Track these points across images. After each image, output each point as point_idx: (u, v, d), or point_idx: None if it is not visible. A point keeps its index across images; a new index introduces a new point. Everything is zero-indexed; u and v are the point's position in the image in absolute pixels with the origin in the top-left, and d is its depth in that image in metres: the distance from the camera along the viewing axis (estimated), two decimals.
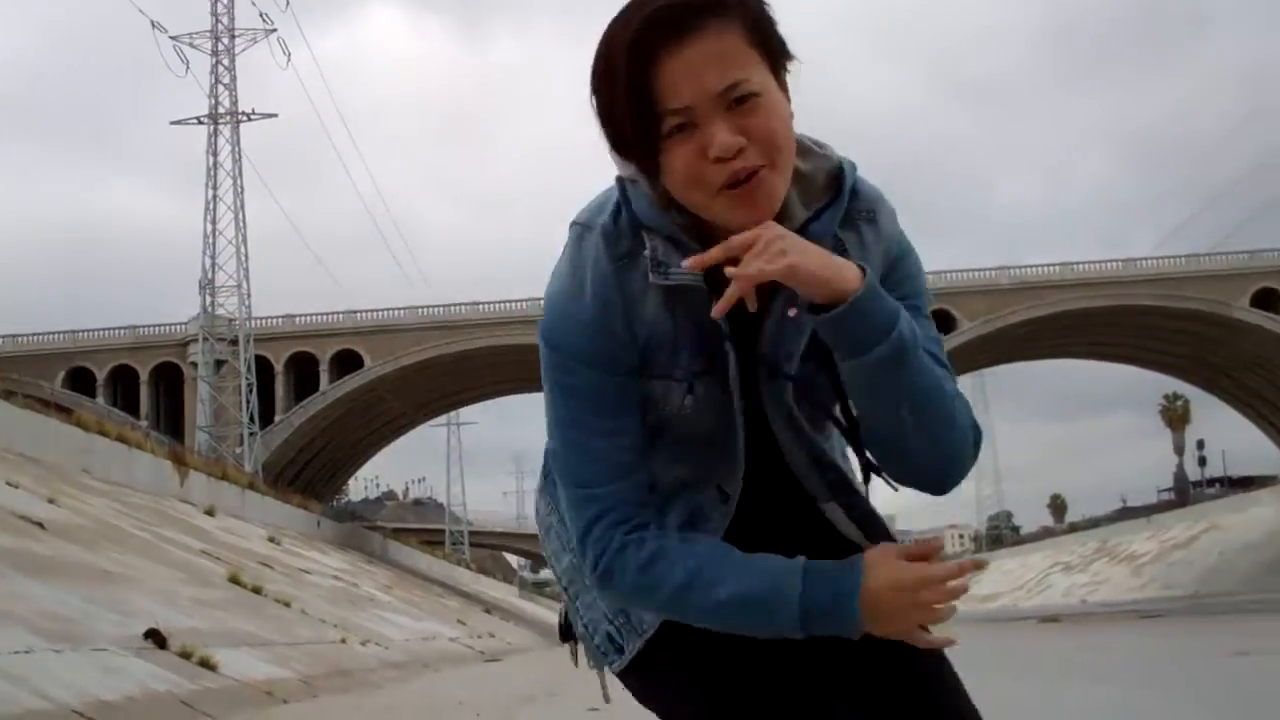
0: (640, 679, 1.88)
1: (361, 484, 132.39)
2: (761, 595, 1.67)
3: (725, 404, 1.74)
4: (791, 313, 1.69)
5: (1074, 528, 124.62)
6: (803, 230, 1.68)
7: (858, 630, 1.65)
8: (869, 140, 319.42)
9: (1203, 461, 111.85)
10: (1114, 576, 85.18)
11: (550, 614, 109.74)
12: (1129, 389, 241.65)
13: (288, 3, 67.82)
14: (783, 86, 1.67)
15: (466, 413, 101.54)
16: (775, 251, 1.56)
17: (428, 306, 70.18)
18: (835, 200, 1.74)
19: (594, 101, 1.68)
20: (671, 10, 1.59)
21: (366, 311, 70.19)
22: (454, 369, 70.65)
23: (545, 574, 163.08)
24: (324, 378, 68.18)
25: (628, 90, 1.61)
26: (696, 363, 1.73)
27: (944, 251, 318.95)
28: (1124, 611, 46.29)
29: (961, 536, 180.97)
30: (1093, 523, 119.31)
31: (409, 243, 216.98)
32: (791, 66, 1.69)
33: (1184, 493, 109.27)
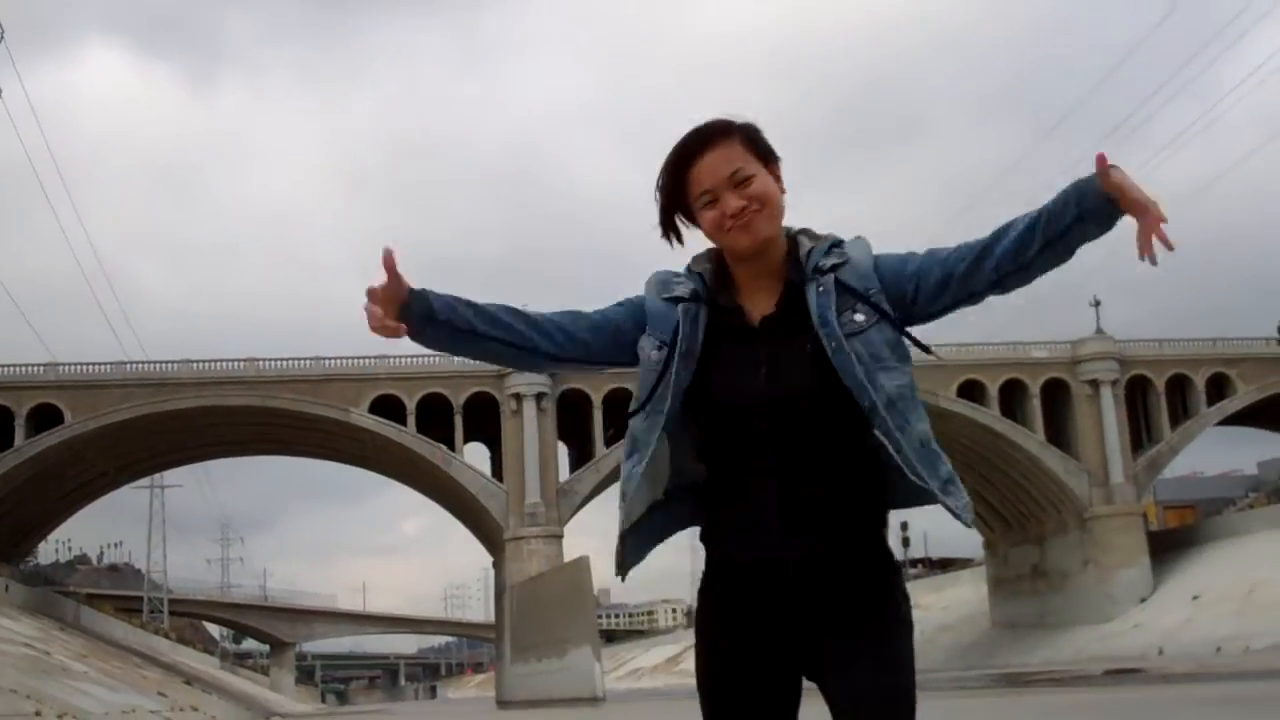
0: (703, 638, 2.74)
1: (53, 546, 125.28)
2: None
3: (666, 371, 2.63)
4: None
5: None
6: (808, 255, 2.70)
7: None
8: (603, 224, 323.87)
9: (906, 542, 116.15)
10: None
11: (254, 687, 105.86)
12: None
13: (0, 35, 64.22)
14: (772, 173, 2.73)
15: (171, 475, 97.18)
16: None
17: (136, 363, 67.20)
18: (832, 249, 2.70)
19: (656, 196, 2.79)
20: (697, 136, 2.71)
21: (70, 365, 66.76)
22: (161, 428, 67.80)
23: (248, 644, 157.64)
24: (19, 432, 64.47)
25: (673, 184, 2.73)
26: (667, 336, 2.66)
27: None
28: None
29: (674, 611, 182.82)
30: None
31: (122, 302, 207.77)
32: (780, 163, 2.76)
33: None
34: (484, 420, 64.60)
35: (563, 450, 67.37)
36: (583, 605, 48.24)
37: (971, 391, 67.27)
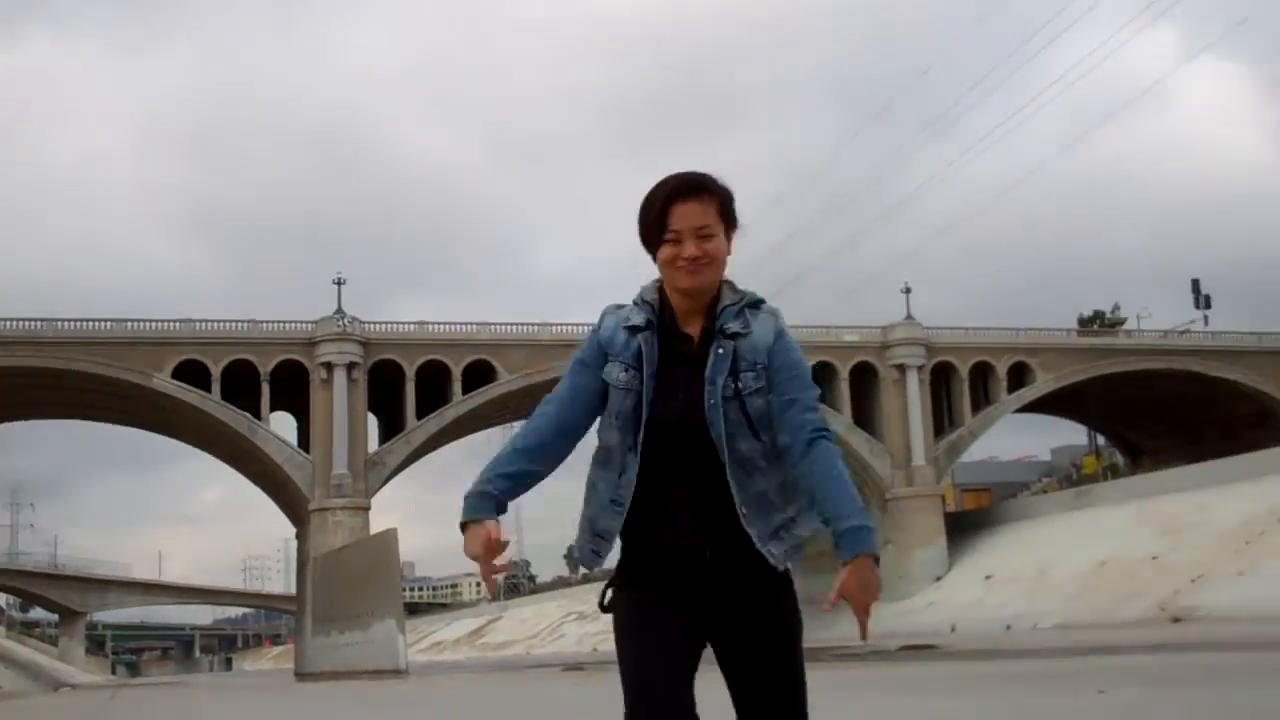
0: (620, 600, 3.18)
1: None
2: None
3: (638, 393, 3.12)
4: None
5: (588, 579, 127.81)
6: (726, 308, 3.18)
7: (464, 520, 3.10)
8: (424, 192, 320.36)
9: None
10: None
11: (42, 657, 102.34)
12: None
13: None
14: (728, 236, 3.18)
15: None
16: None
17: None
18: (746, 308, 3.17)
19: (640, 217, 3.18)
20: (687, 183, 3.14)
21: None
22: None
23: (36, 613, 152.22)
24: None
25: (657, 216, 3.14)
26: (633, 361, 3.13)
27: (490, 307, 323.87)
28: None
29: (478, 585, 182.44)
30: (608, 574, 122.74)
31: None
32: (738, 232, 3.22)
33: None
34: (292, 389, 63.23)
35: (373, 421, 66.46)
36: (388, 578, 47.58)
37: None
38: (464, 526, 3.07)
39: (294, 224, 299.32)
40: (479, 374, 65.88)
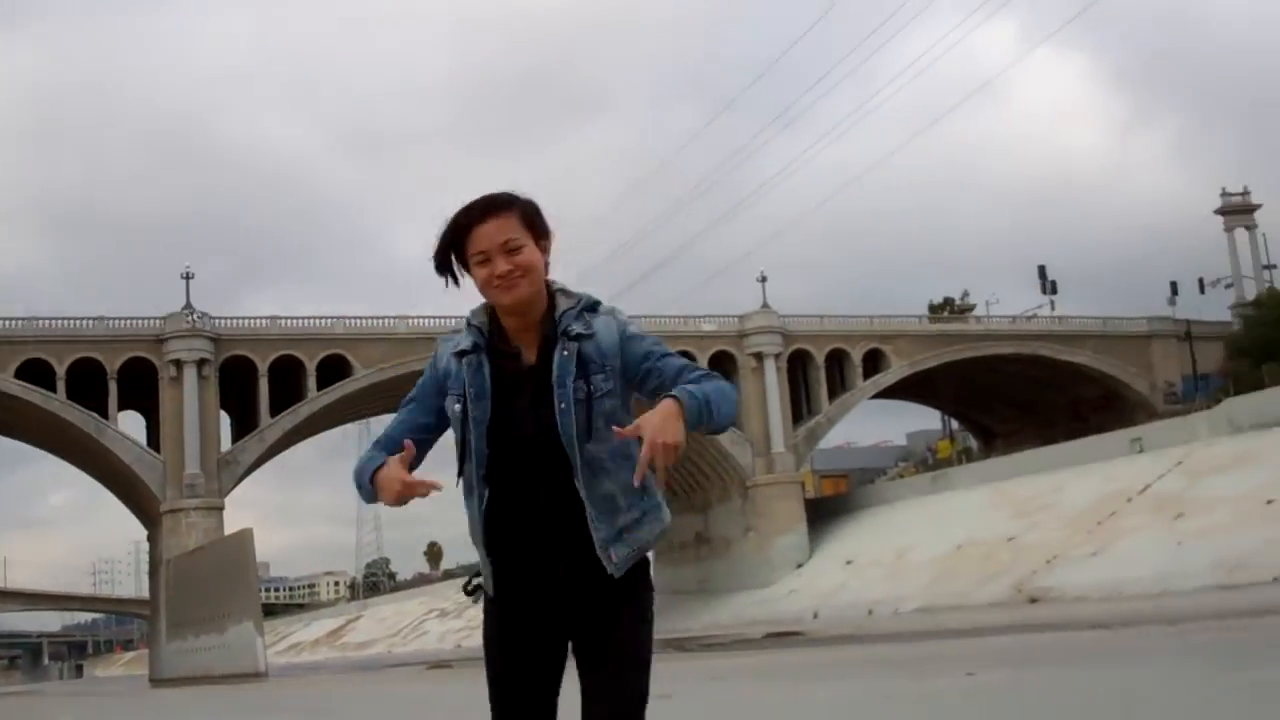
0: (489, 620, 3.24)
1: None
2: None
3: (467, 416, 3.13)
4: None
5: (449, 575, 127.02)
6: (566, 312, 3.17)
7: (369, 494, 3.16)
8: (275, 186, 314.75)
9: None
10: None
11: None
12: None
13: None
14: (541, 247, 3.18)
15: None
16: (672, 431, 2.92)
17: None
18: (583, 312, 3.17)
19: (436, 245, 3.21)
20: (483, 206, 3.15)
21: None
22: None
23: None
24: None
25: (449, 238, 3.18)
26: (461, 389, 3.16)
27: (345, 301, 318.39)
28: None
29: (337, 583, 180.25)
30: (468, 570, 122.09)
31: None
32: (553, 240, 3.22)
33: None
34: (141, 387, 61.51)
35: (225, 419, 64.99)
36: (244, 579, 46.65)
37: None
38: (371, 481, 3.13)
39: (141, 219, 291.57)
40: (334, 369, 64.81)
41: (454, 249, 3.20)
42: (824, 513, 70.63)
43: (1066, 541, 46.54)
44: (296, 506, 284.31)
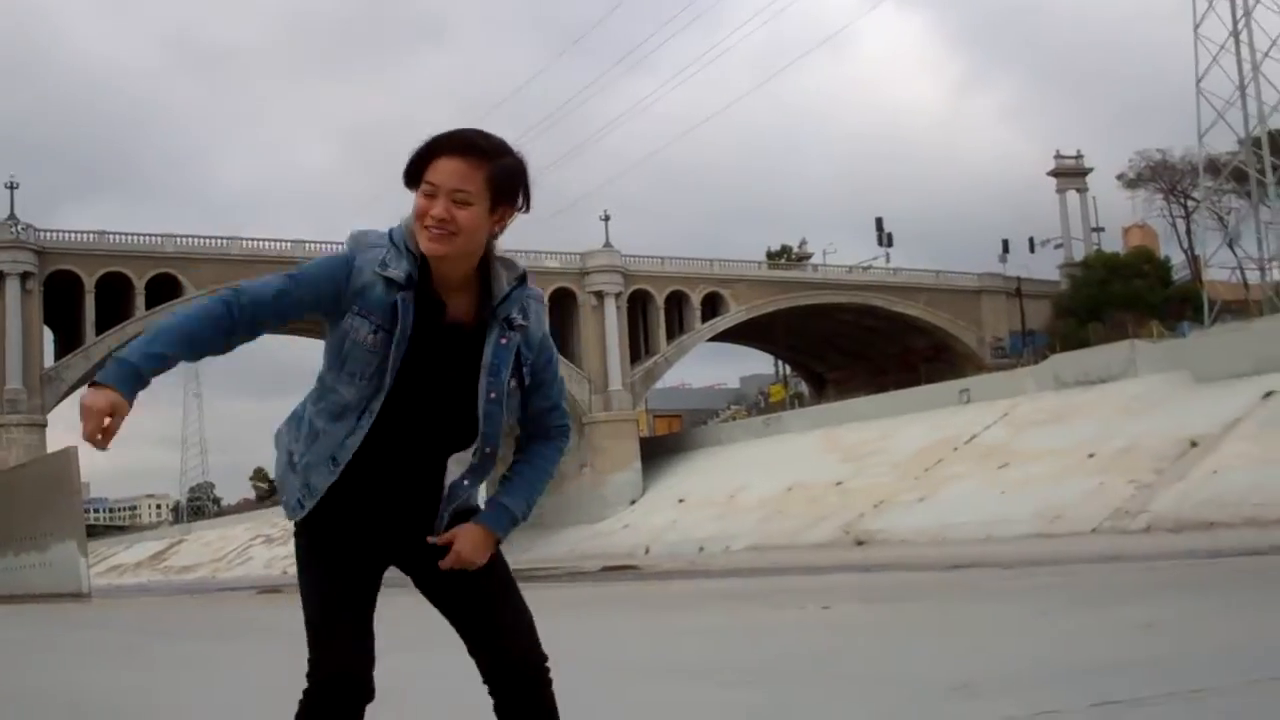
0: (304, 539, 3.03)
1: None
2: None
3: (386, 356, 2.85)
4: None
5: (275, 501, 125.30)
6: (506, 297, 2.95)
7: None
8: (101, 97, 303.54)
9: None
10: None
11: None
12: None
13: None
14: (498, 214, 2.91)
15: None
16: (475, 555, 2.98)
17: None
18: (520, 285, 2.98)
19: (409, 159, 2.89)
20: (458, 139, 2.88)
21: None
22: None
23: None
24: None
25: (418, 156, 2.88)
26: (385, 321, 2.85)
27: (170, 219, 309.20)
28: None
29: (159, 506, 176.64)
30: None
31: None
32: (514, 215, 2.97)
33: None
34: None
35: (49, 335, 62.98)
36: (68, 498, 45.38)
37: None
38: (94, 385, 2.70)
39: None
40: (164, 288, 63.12)
41: (418, 168, 2.89)
42: (658, 451, 71.30)
43: (894, 487, 47.69)
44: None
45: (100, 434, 2.67)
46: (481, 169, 2.85)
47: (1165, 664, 6.48)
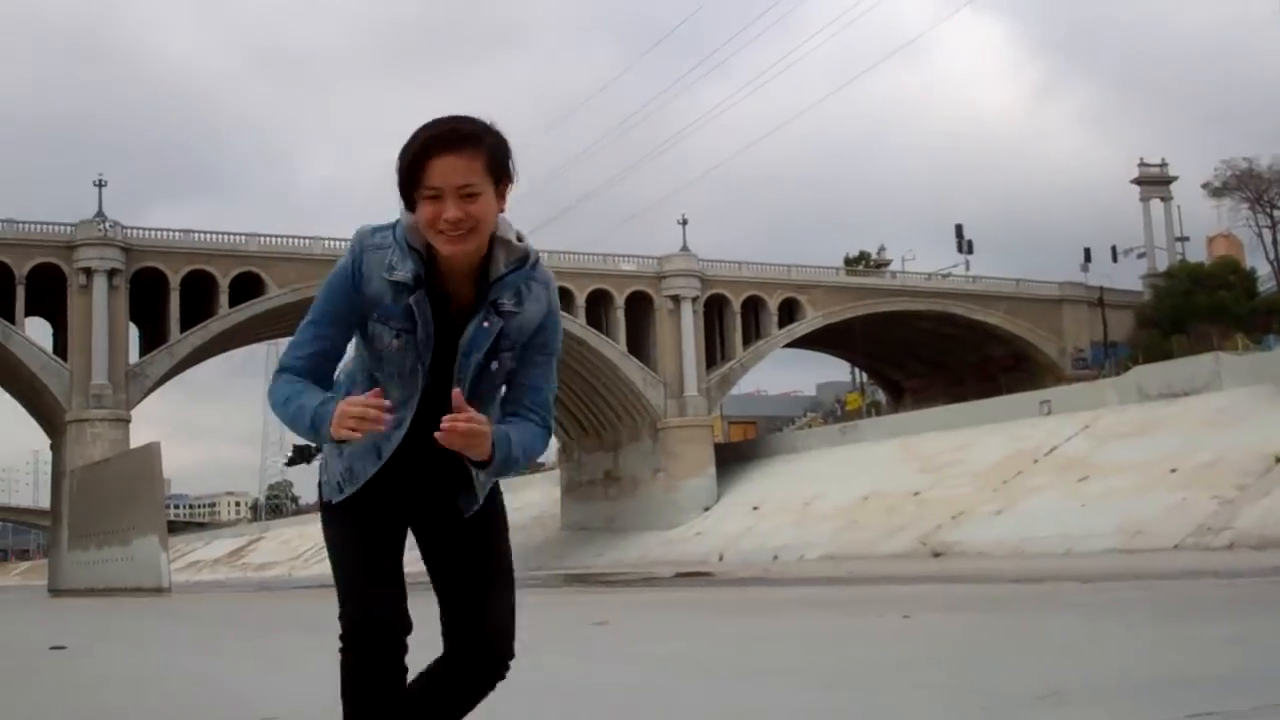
0: (334, 513, 3.08)
1: None
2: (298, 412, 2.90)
3: (416, 355, 2.90)
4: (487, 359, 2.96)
5: None
6: (500, 278, 2.91)
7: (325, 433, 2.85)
8: (188, 101, 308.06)
9: None
10: None
11: None
12: None
13: None
14: (500, 191, 2.87)
15: None
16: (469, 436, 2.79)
17: None
18: (521, 267, 2.94)
19: (397, 165, 2.85)
20: (450, 133, 2.81)
21: None
22: None
23: None
24: None
25: (408, 165, 2.82)
26: (404, 324, 2.88)
27: (252, 219, 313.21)
28: (413, 582, 47.02)
29: (239, 504, 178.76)
30: None
31: None
32: (512, 187, 2.90)
33: None
34: (50, 294, 60.31)
35: (134, 332, 63.95)
36: (150, 493, 46.20)
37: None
38: (319, 421, 2.87)
39: (51, 127, 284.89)
40: (247, 287, 63.97)
41: (410, 179, 2.86)
42: (733, 458, 71.13)
43: (972, 498, 47.29)
44: (200, 423, 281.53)
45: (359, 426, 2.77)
46: (479, 156, 2.82)
47: (1254, 678, 6.38)
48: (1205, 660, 7.44)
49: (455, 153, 2.79)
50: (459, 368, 2.91)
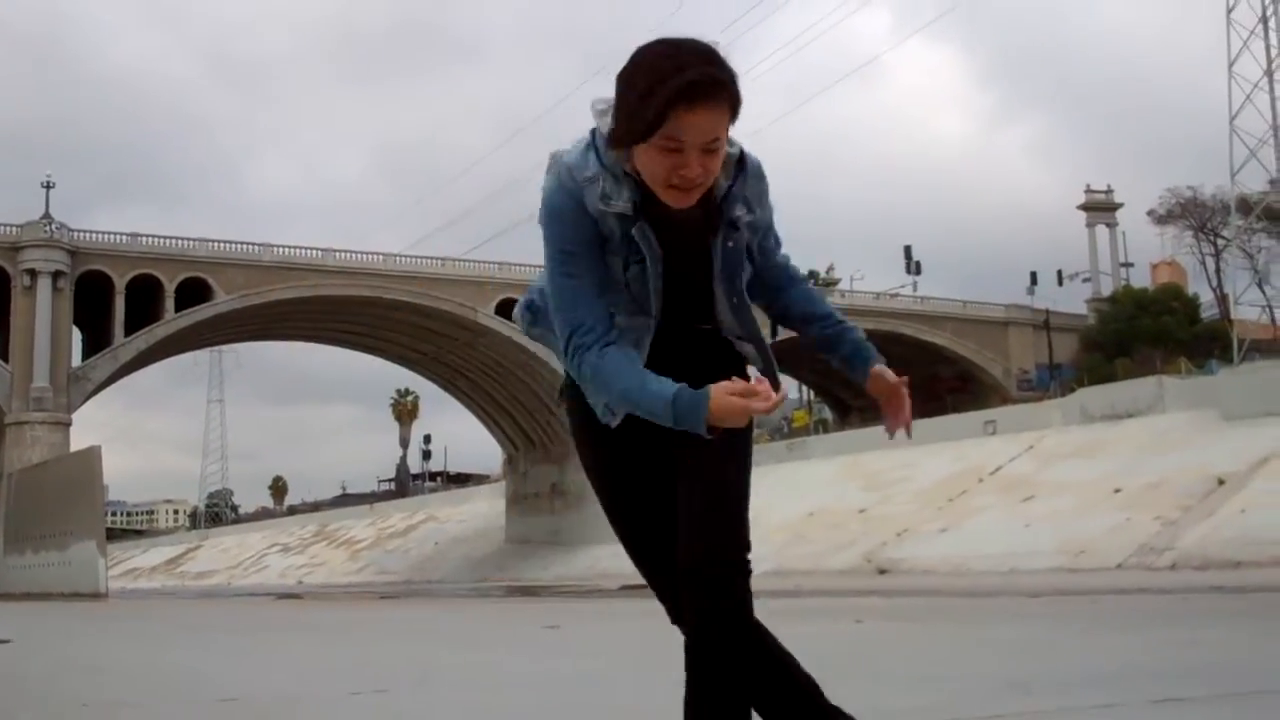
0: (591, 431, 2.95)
1: None
2: (639, 396, 2.61)
3: (646, 284, 2.69)
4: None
5: (294, 510, 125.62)
6: (727, 194, 2.70)
7: (703, 420, 2.52)
8: (136, 103, 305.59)
9: (427, 455, 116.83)
10: (332, 559, 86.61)
11: None
12: (360, 381, 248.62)
13: None
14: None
15: None
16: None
17: None
18: (741, 172, 2.71)
19: (621, 89, 2.55)
20: (711, 81, 2.48)
21: None
22: None
23: None
24: None
25: (656, 113, 2.47)
26: (632, 254, 2.67)
27: (200, 225, 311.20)
28: (358, 591, 46.82)
29: (177, 512, 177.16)
30: (313, 506, 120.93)
31: None
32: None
33: (404, 484, 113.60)
34: None
35: (77, 335, 63.30)
36: (89, 498, 45.53)
37: (508, 310, 68.19)
38: (693, 407, 2.54)
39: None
40: (193, 293, 63.45)
41: (653, 125, 2.52)
42: None
43: (917, 516, 47.40)
44: (141, 430, 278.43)
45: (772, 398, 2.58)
46: (726, 104, 2.52)
47: (1217, 671, 6.41)
48: (1163, 658, 7.49)
49: (710, 105, 2.49)
50: (724, 292, 2.76)
